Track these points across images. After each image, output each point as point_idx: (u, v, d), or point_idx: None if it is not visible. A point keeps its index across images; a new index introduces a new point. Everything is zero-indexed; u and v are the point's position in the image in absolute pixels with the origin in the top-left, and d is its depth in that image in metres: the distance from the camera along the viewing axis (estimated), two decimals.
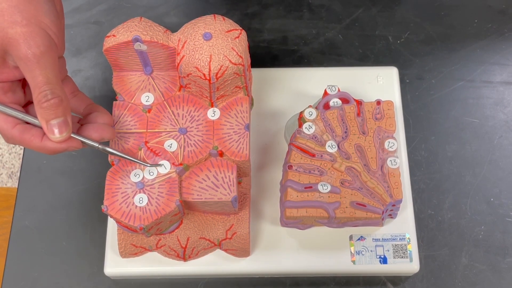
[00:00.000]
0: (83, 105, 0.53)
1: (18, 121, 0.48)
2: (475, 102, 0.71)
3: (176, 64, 0.55)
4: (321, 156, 0.58)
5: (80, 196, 0.67)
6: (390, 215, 0.60)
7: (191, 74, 0.54)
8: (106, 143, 0.52)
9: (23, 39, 0.44)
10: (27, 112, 0.49)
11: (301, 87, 0.68)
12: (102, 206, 0.52)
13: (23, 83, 0.50)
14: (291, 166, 0.58)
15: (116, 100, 0.58)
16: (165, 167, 0.54)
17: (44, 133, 0.47)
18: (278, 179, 0.63)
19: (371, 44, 0.74)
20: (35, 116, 0.48)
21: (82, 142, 0.50)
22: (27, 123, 0.48)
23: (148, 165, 0.53)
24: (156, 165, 0.53)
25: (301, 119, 0.60)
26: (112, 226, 0.62)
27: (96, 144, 0.50)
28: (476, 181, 0.67)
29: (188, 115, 0.56)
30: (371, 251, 0.60)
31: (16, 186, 0.68)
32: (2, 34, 0.44)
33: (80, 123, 0.52)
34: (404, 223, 0.62)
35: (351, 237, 0.61)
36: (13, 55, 0.45)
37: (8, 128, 0.47)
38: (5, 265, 0.64)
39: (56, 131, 0.46)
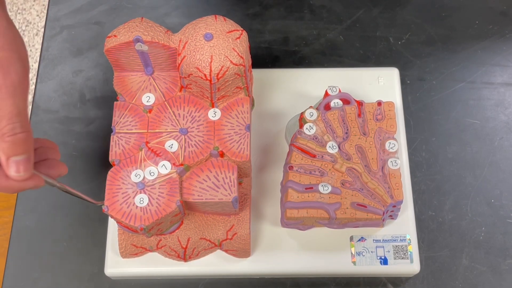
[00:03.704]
0: None
1: None
2: (476, 104, 0.71)
3: (177, 65, 0.55)
4: (322, 157, 0.58)
5: None
6: (390, 216, 0.60)
7: (192, 74, 0.54)
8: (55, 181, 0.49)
9: (1, 64, 0.41)
10: None
11: (302, 88, 0.68)
12: (103, 207, 0.52)
13: None
14: (292, 166, 0.58)
15: (117, 100, 0.58)
16: (166, 168, 0.54)
17: None
18: (279, 180, 0.63)
19: (372, 45, 0.74)
20: None
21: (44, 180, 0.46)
22: None
23: (99, 204, 0.52)
24: (102, 204, 0.52)
25: (302, 120, 0.60)
26: (112, 227, 0.62)
27: (55, 183, 0.48)
28: (476, 182, 0.66)
29: (189, 115, 0.56)
30: (371, 252, 0.60)
31: None
32: None
33: None
34: (404, 224, 0.62)
35: (351, 238, 0.61)
36: None
37: None
38: (6, 265, 0.64)
39: (17, 168, 0.42)
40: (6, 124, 0.41)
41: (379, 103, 0.60)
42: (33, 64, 1.48)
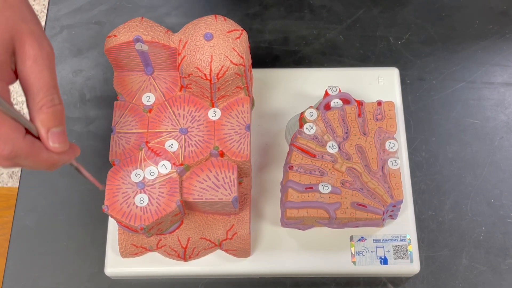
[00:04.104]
0: None
1: (24, 129, 0.41)
2: (476, 103, 0.71)
3: (177, 65, 0.55)
4: (322, 156, 0.58)
5: (80, 196, 0.67)
6: (390, 216, 0.60)
7: (192, 74, 0.54)
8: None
9: (36, 37, 0.41)
10: None
11: (302, 88, 0.68)
12: (103, 206, 0.52)
13: None
14: (292, 166, 0.58)
15: (117, 100, 0.58)
16: (166, 167, 0.54)
17: None
18: (279, 180, 0.63)
19: (372, 45, 0.74)
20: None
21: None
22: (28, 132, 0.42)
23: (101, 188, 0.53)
24: (103, 188, 0.53)
25: (302, 120, 0.60)
26: (112, 226, 0.62)
27: (74, 162, 0.48)
28: (477, 182, 0.66)
29: (189, 115, 0.56)
30: (371, 251, 0.60)
31: (17, 186, 0.68)
32: (15, 29, 0.40)
33: None
34: (404, 224, 0.62)
35: (351, 238, 0.61)
36: (19, 52, 0.41)
37: (18, 138, 0.40)
38: (6, 265, 0.64)
39: (57, 139, 0.42)
40: (44, 96, 0.41)
41: (379, 103, 0.60)
42: None
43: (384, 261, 0.60)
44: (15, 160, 0.41)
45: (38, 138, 0.42)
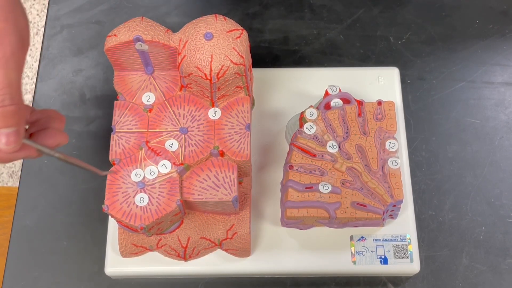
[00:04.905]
0: (29, 111, 0.48)
1: None
2: (476, 103, 0.71)
3: (177, 64, 0.55)
4: (322, 156, 0.58)
5: (81, 196, 0.67)
6: (390, 215, 0.60)
7: (192, 74, 0.54)
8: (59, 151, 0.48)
9: None
10: None
11: (302, 88, 0.68)
12: (103, 206, 0.52)
13: None
14: (292, 166, 0.58)
15: (117, 99, 0.58)
16: (166, 167, 0.54)
17: None
18: (279, 179, 0.63)
19: (372, 44, 0.74)
20: None
21: (38, 150, 0.46)
22: None
23: (103, 174, 0.52)
24: (108, 172, 0.53)
25: (302, 119, 0.60)
26: (113, 226, 0.62)
27: (52, 152, 0.47)
28: (477, 182, 0.66)
29: (189, 115, 0.56)
30: (371, 251, 0.60)
31: (17, 186, 0.68)
32: None
33: (28, 131, 0.48)
34: (404, 224, 0.62)
35: (351, 238, 0.61)
36: None
37: None
38: (6, 264, 0.64)
39: (6, 140, 0.42)
40: None
41: (379, 103, 0.60)
42: (34, 64, 1.47)
43: (384, 260, 0.60)
44: None
45: None
